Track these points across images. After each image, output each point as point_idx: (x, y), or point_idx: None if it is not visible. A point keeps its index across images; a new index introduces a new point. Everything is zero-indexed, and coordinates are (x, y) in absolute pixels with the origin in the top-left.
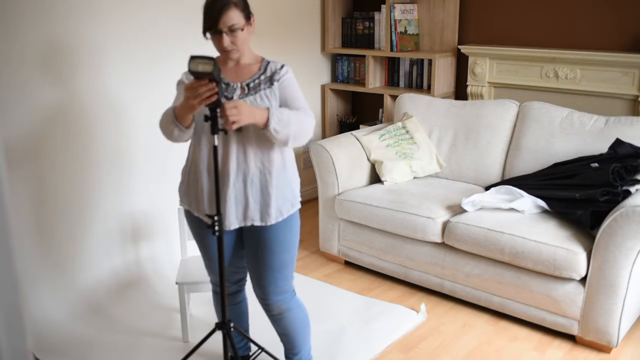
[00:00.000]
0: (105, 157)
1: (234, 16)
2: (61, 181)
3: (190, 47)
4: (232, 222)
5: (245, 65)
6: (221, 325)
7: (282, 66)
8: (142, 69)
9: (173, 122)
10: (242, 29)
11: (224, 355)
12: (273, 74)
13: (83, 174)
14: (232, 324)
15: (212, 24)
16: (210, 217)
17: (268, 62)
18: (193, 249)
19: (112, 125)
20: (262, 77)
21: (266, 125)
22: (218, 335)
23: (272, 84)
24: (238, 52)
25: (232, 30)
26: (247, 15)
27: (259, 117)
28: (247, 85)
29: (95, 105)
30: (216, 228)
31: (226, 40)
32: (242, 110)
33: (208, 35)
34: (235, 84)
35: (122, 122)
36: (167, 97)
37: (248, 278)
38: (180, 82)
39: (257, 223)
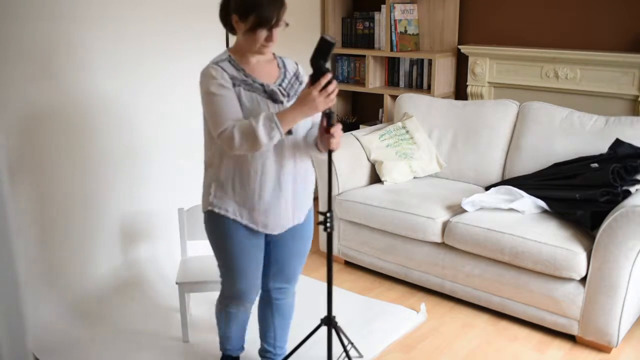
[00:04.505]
0: (105, 157)
1: (285, 11)
2: (61, 182)
3: (183, 43)
4: (287, 224)
5: (267, 62)
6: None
7: (296, 64)
8: (135, 70)
9: (277, 129)
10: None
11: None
12: (296, 73)
13: (83, 174)
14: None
15: (276, 19)
16: (323, 214)
17: (281, 58)
18: (193, 249)
19: (111, 125)
20: (294, 78)
21: None
22: (215, 337)
23: (300, 83)
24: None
25: (280, 24)
26: None
27: None
28: (282, 87)
29: (94, 106)
30: (328, 225)
31: (276, 34)
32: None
33: (241, 27)
34: (268, 85)
35: (121, 122)
36: (162, 96)
37: None
38: (220, 85)
39: (301, 220)
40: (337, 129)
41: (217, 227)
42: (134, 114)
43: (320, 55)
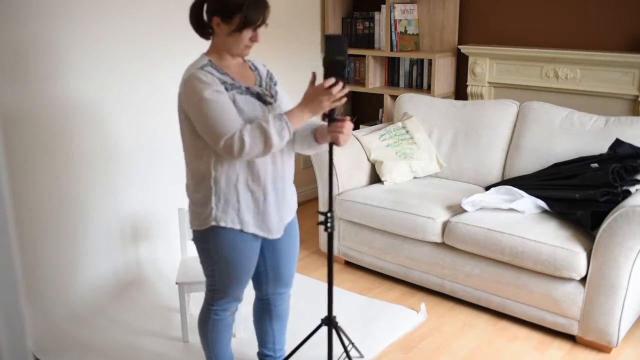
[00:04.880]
0: (104, 157)
1: (269, 11)
2: (61, 181)
3: (170, 46)
4: (282, 226)
5: (242, 65)
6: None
7: (264, 65)
8: (134, 69)
9: (287, 128)
10: None
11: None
12: (269, 74)
13: (83, 174)
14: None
15: (262, 19)
16: (323, 214)
17: (250, 61)
18: (193, 249)
19: (110, 125)
20: (268, 79)
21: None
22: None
23: (275, 84)
24: None
25: (264, 24)
26: None
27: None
28: (263, 88)
29: (93, 105)
30: (329, 224)
31: (260, 33)
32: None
33: (224, 29)
34: (253, 88)
35: (120, 122)
36: (162, 95)
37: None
38: (215, 91)
39: (291, 218)
40: (347, 125)
41: (224, 242)
42: (133, 114)
43: (333, 53)
